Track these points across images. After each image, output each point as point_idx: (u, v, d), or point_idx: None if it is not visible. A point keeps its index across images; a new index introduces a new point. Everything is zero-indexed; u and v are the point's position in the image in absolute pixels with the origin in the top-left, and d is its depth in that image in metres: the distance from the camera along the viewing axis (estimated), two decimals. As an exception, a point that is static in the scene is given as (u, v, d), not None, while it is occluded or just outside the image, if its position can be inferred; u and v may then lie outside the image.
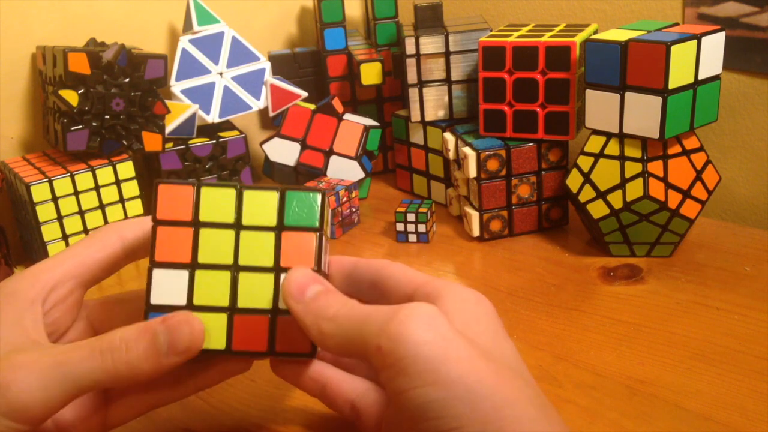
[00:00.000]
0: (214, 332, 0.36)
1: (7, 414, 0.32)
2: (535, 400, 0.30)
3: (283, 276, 0.36)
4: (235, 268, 0.36)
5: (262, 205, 0.36)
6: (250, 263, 0.36)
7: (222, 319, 0.36)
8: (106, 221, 0.64)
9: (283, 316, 0.36)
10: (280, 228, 0.36)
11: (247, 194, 0.36)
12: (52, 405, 0.32)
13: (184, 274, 0.36)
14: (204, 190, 0.36)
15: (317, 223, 0.36)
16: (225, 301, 0.36)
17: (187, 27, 0.71)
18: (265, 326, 0.36)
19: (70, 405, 0.36)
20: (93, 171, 0.62)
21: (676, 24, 0.56)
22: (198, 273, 0.36)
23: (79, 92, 0.59)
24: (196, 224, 0.36)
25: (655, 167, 0.55)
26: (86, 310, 0.39)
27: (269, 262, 0.36)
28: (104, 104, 0.61)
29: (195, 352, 0.35)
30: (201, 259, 0.36)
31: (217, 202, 0.36)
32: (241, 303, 0.36)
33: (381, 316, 0.31)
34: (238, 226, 0.36)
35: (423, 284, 0.35)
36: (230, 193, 0.36)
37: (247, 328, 0.36)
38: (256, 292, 0.36)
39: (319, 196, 0.36)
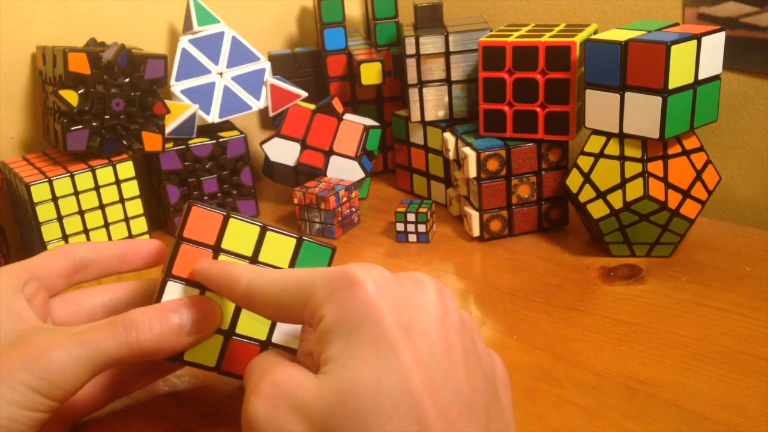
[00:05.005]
0: (209, 350, 0.38)
1: (39, 390, 0.33)
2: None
3: None
4: None
5: (279, 246, 0.39)
6: None
7: (218, 339, 0.39)
8: (106, 221, 0.64)
9: (271, 347, 0.39)
10: None
11: (269, 235, 0.39)
12: (80, 382, 0.34)
13: (195, 292, 0.38)
14: (232, 221, 0.38)
15: None
16: (225, 325, 0.38)
17: (187, 27, 0.71)
18: (255, 354, 0.38)
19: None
20: (93, 171, 0.62)
21: (676, 24, 0.56)
22: (208, 293, 0.38)
23: (79, 92, 0.59)
24: (217, 249, 0.38)
25: (655, 167, 0.55)
26: (52, 315, 0.40)
27: None
28: (104, 104, 0.61)
29: (212, 333, 0.37)
30: None
31: (240, 234, 0.39)
32: (240, 329, 0.39)
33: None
34: (254, 260, 0.39)
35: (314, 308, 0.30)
36: (255, 229, 0.39)
37: (238, 353, 0.39)
38: (255, 323, 0.39)
39: (330, 251, 0.40)
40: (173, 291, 0.37)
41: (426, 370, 0.27)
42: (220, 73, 0.71)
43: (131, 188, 0.64)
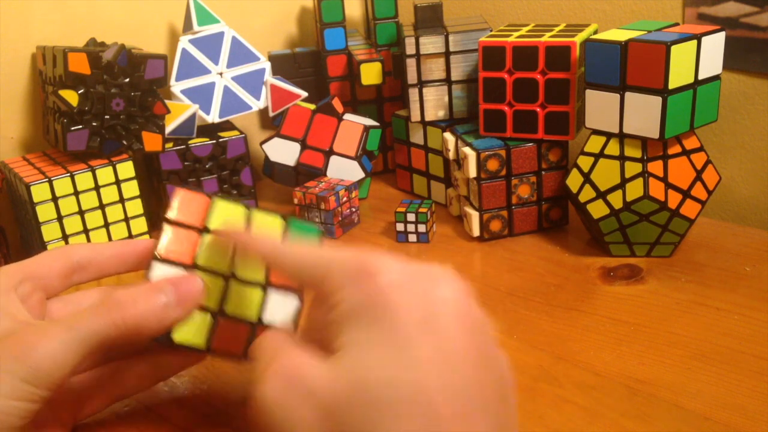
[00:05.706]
0: (198, 331, 0.38)
1: (28, 379, 0.33)
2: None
3: (269, 292, 0.39)
4: (229, 277, 0.39)
5: (266, 226, 0.39)
6: (243, 275, 0.39)
7: (207, 319, 0.38)
8: (106, 221, 0.64)
9: (262, 326, 0.39)
10: None
11: (256, 214, 0.39)
12: (69, 367, 0.34)
13: (182, 273, 0.38)
14: (218, 202, 0.39)
15: None
16: (214, 304, 0.39)
17: (187, 27, 0.71)
18: (245, 334, 0.39)
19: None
20: (93, 171, 0.62)
21: (676, 24, 0.56)
22: (197, 272, 0.38)
23: (79, 92, 0.59)
24: (204, 231, 0.39)
25: (655, 167, 0.55)
26: (51, 317, 0.40)
27: (261, 277, 0.39)
28: (104, 104, 0.61)
29: (195, 306, 0.37)
30: (200, 262, 0.39)
31: (228, 215, 0.39)
32: (229, 309, 0.39)
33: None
34: None
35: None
36: (240, 209, 0.39)
37: (228, 333, 0.39)
38: (243, 302, 0.39)
39: (317, 230, 0.40)
40: (161, 273, 0.38)
41: (441, 368, 0.27)
42: (220, 73, 0.71)
43: (131, 188, 0.64)
